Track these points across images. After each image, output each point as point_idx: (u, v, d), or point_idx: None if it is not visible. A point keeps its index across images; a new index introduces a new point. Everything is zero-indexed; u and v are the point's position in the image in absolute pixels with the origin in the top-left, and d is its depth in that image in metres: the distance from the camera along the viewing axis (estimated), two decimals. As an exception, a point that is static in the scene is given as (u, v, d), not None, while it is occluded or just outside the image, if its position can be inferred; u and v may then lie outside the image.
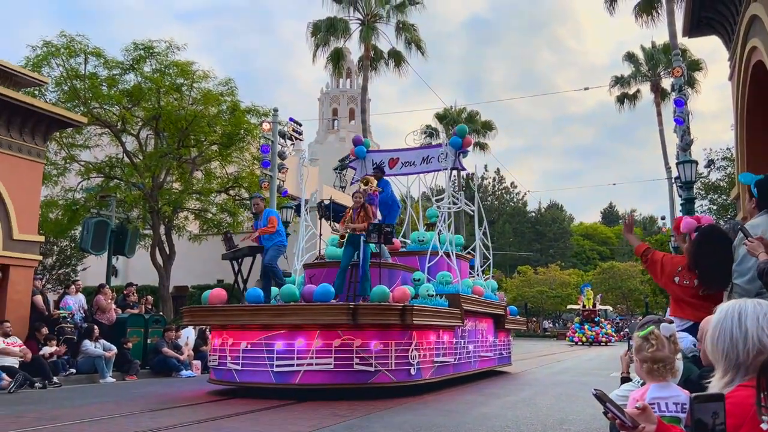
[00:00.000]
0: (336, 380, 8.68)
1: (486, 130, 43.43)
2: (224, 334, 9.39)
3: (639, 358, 2.14)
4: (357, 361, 8.65)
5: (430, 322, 9.53)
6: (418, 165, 13.24)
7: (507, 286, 52.70)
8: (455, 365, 10.78)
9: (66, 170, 20.67)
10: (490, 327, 13.07)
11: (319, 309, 8.82)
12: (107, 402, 8.55)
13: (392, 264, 11.08)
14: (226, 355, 9.18)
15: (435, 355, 9.87)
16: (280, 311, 8.94)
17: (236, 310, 9.36)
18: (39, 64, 19.01)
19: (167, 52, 20.50)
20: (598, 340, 34.02)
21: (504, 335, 14.17)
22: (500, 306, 13.53)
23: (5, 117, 11.54)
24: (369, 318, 8.67)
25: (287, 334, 8.79)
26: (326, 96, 68.07)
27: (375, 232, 9.65)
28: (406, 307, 8.82)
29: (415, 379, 9.19)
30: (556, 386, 10.77)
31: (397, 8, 31.29)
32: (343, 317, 8.58)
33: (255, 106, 21.92)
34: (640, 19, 31.89)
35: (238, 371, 9.01)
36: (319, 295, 9.20)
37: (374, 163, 13.46)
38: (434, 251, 11.39)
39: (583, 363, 18.20)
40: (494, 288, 13.88)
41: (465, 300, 10.90)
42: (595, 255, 72.20)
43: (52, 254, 23.21)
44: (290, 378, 8.65)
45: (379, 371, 8.74)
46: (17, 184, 11.73)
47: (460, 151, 12.61)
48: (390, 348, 8.86)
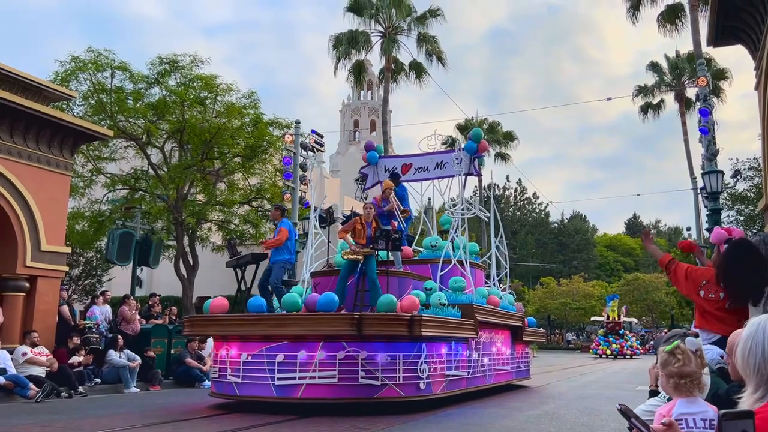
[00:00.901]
0: (340, 394, 8.22)
1: (507, 141, 43.30)
2: (225, 345, 9.01)
3: (665, 373, 2.10)
4: (362, 375, 8.19)
5: (442, 333, 9.03)
6: (431, 170, 12.81)
7: (530, 298, 52.24)
8: (469, 379, 10.25)
9: (92, 182, 21.05)
10: (507, 339, 12.56)
11: (322, 319, 8.40)
12: (131, 412, 8.63)
13: (402, 272, 10.62)
14: (227, 367, 8.79)
15: (447, 369, 9.35)
16: (281, 321, 8.56)
17: (236, 320, 9.00)
18: (67, 79, 19.44)
19: (191, 66, 20.83)
20: (623, 353, 33.50)
21: (522, 348, 13.62)
22: (518, 317, 13.00)
23: (34, 130, 11.79)
24: (375, 329, 8.21)
25: (289, 346, 8.36)
26: (347, 108, 68.45)
27: (382, 239, 9.16)
28: (415, 317, 8.35)
29: (425, 393, 8.70)
30: (581, 400, 10.62)
31: (417, 20, 31.43)
32: (347, 328, 8.13)
33: (277, 118, 22.15)
34: (663, 29, 31.64)
35: (239, 384, 8.61)
36: (322, 304, 8.74)
37: (387, 169, 13.16)
38: (447, 259, 10.97)
39: (608, 376, 17.93)
40: (511, 299, 13.33)
41: (479, 310, 10.38)
42: (619, 266, 71.26)
43: (79, 265, 23.56)
44: (292, 392, 8.24)
45: (386, 385, 8.26)
46: (45, 197, 11.96)
47: (475, 156, 12.19)
48: (398, 360, 8.38)
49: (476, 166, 12.21)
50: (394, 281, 9.89)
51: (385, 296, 8.82)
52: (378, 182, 13.08)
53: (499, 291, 12.84)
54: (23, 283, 11.63)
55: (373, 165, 13.47)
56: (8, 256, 11.47)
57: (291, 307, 8.91)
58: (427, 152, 12.95)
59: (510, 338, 12.69)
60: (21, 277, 11.59)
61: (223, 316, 9.17)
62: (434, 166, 12.73)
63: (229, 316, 9.19)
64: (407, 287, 10.07)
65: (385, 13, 31.03)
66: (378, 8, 30.95)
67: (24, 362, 10.44)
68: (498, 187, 73.10)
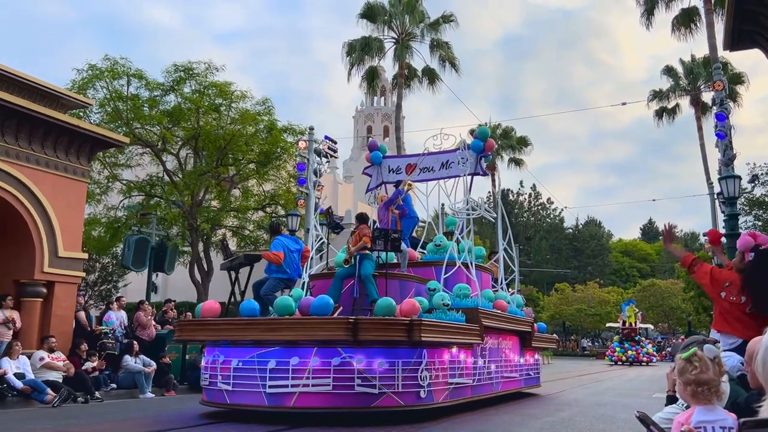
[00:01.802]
0: (335, 403, 7.77)
1: (521, 146, 43.18)
2: (215, 350, 8.59)
3: (682, 380, 2.08)
4: (359, 382, 7.73)
5: (444, 338, 8.57)
6: (437, 170, 12.37)
7: (544, 304, 51.90)
8: (474, 387, 9.77)
9: (108, 189, 21.29)
10: (515, 345, 12.12)
11: (315, 323, 7.94)
12: (146, 418, 8.67)
13: (404, 275, 10.15)
14: (217, 373, 8.35)
15: (450, 376, 8.87)
16: (272, 325, 8.09)
17: (225, 324, 8.56)
18: (84, 87, 19.69)
19: (206, 73, 21.04)
20: (639, 359, 33.16)
21: (531, 354, 13.16)
22: (526, 322, 12.53)
23: (52, 138, 11.93)
24: (372, 333, 7.75)
25: (281, 351, 7.91)
26: (361, 114, 68.66)
27: (381, 239, 8.70)
28: (414, 321, 7.92)
29: (426, 402, 8.23)
30: (597, 407, 10.52)
31: (431, 26, 31.48)
32: (342, 333, 7.67)
33: (291, 124, 22.31)
34: (677, 33, 31.44)
35: (229, 392, 8.16)
36: (316, 307, 8.24)
37: (390, 169, 12.76)
38: (451, 261, 10.55)
39: (624, 383, 17.75)
40: (520, 303, 12.88)
41: (485, 315, 9.93)
42: (634, 272, 70.64)
43: (95, 271, 23.80)
44: (284, 400, 7.78)
45: (383, 393, 7.80)
46: (63, 203, 12.09)
47: (481, 155, 11.76)
48: (396, 367, 7.94)
49: (483, 165, 11.85)
50: (394, 284, 9.47)
51: (383, 299, 8.41)
52: (382, 183, 12.81)
53: (507, 295, 12.47)
54: (41, 288, 11.76)
55: (376, 165, 13.08)
56: (26, 262, 11.61)
57: (284, 311, 8.46)
58: (433, 152, 12.56)
59: (518, 344, 12.30)
60: (39, 283, 11.72)
61: (213, 320, 8.75)
62: (440, 166, 12.34)
63: (219, 320, 8.76)
64: (409, 290, 9.66)
65: (399, 19, 31.12)
66: (391, 15, 31.05)
67: (41, 367, 10.54)
68: (512, 192, 72.98)
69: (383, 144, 13.82)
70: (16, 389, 9.76)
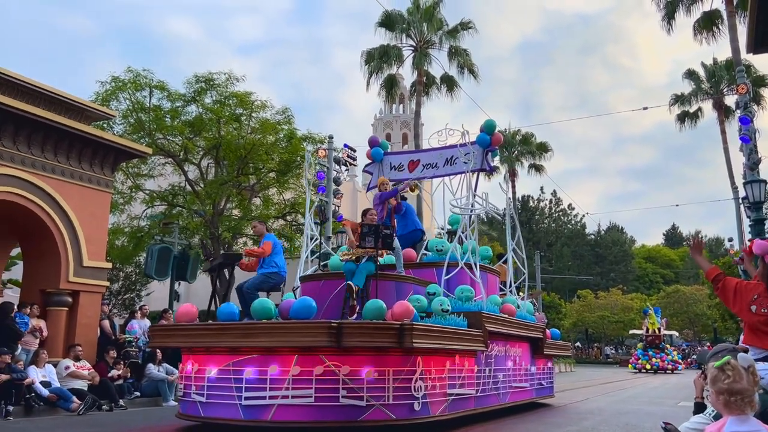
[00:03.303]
0: (317, 417, 7.03)
1: (541, 152, 42.88)
2: (190, 358, 7.93)
3: (714, 389, 2.05)
4: (344, 394, 7.02)
5: (441, 345, 7.81)
6: (441, 167, 11.69)
7: (566, 311, 51.39)
8: (478, 398, 8.97)
9: (132, 199, 21.57)
10: (526, 352, 11.33)
11: (293, 328, 7.21)
12: (170, 425, 8.73)
13: (401, 276, 9.36)
14: (191, 384, 7.70)
15: (449, 386, 8.12)
16: (248, 330, 7.36)
17: (198, 330, 7.82)
18: (108, 99, 20.02)
19: (227, 84, 21.27)
20: (663, 367, 32.62)
21: (543, 362, 12.34)
22: (537, 328, 11.70)
23: (77, 149, 12.13)
24: (357, 339, 7.03)
25: (258, 359, 7.21)
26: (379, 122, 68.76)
27: (371, 235, 8.01)
28: (405, 325, 7.15)
29: (421, 415, 7.49)
30: (621, 416, 10.37)
31: (449, 34, 31.49)
32: (323, 338, 6.93)
33: (311, 133, 22.43)
34: (699, 36, 31.05)
35: (203, 404, 7.48)
36: (297, 310, 7.47)
37: (392, 165, 12.10)
38: (453, 262, 9.89)
39: (649, 391, 17.49)
40: (530, 308, 12.15)
41: (489, 319, 9.16)
42: (658, 278, 69.71)
43: (118, 280, 24.08)
44: (261, 413, 7.08)
45: (372, 406, 7.08)
46: (87, 213, 12.27)
47: (488, 150, 11.06)
48: (387, 377, 7.20)
49: (489, 160, 11.17)
50: (390, 286, 8.73)
51: (372, 301, 7.66)
52: None
53: (516, 299, 11.71)
54: (66, 297, 11.93)
55: (377, 162, 12.42)
56: (52, 271, 11.79)
57: (262, 314, 7.67)
58: (436, 147, 11.95)
59: (529, 351, 11.55)
60: (64, 292, 11.89)
61: (185, 325, 8.02)
62: (444, 162, 11.64)
63: (191, 325, 8.00)
64: (406, 293, 8.85)
65: (417, 27, 31.17)
66: (409, 23, 31.11)
67: (67, 375, 10.68)
68: (532, 198, 72.53)
69: (384, 140, 13.08)
70: (43, 397, 9.90)
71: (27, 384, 9.80)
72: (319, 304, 8.41)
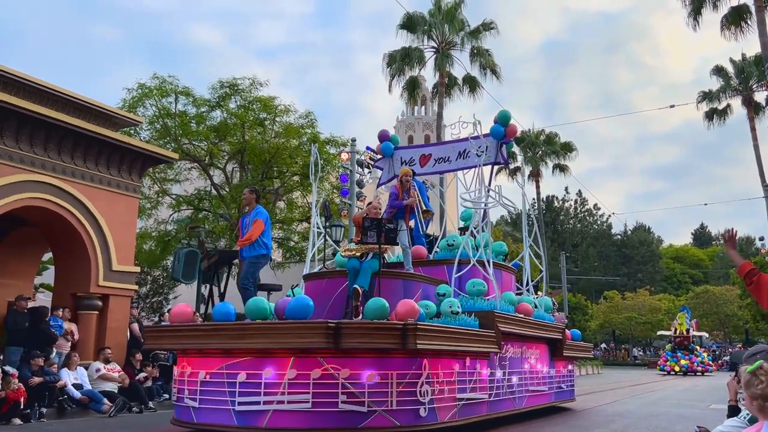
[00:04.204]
0: (315, 424, 6.60)
1: (566, 152, 42.47)
2: (184, 361, 7.60)
3: (748, 394, 2.02)
4: (343, 399, 6.60)
5: (449, 346, 7.34)
6: (453, 161, 11.27)
7: (593, 312, 50.81)
8: (491, 403, 8.50)
9: (158, 203, 21.88)
10: (544, 354, 10.82)
11: (289, 328, 6.73)
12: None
13: (409, 274, 8.91)
14: (184, 388, 7.34)
15: (458, 391, 7.66)
16: (241, 331, 6.91)
17: (189, 331, 7.37)
18: (134, 105, 20.33)
19: (251, 89, 21.47)
20: (693, 369, 32.05)
21: (563, 364, 11.82)
22: (556, 328, 11.15)
23: (105, 155, 12.35)
24: (357, 340, 6.59)
25: (252, 362, 6.82)
26: (402, 124, 68.79)
27: (372, 229, 7.60)
28: (408, 325, 6.68)
29: (428, 422, 7.05)
30: (650, 418, 10.23)
31: (471, 34, 31.39)
32: (320, 339, 6.48)
33: (334, 137, 22.53)
34: (727, 32, 30.50)
35: (196, 409, 7.10)
36: (292, 310, 7.02)
37: (403, 161, 11.73)
38: (465, 260, 9.40)
39: (678, 393, 17.21)
40: (548, 307, 11.65)
41: (502, 319, 8.66)
42: (687, 279, 68.59)
43: (146, 283, 24.40)
44: (256, 419, 6.68)
45: (374, 412, 6.66)
46: (116, 219, 12.48)
47: (502, 142, 10.60)
48: (390, 381, 6.79)
49: (504, 153, 10.73)
50: (397, 285, 8.28)
51: (374, 300, 7.21)
52: (395, 176, 11.65)
53: (532, 298, 11.09)
54: (96, 301, 12.14)
55: (387, 157, 12.02)
56: (83, 276, 12.01)
57: (256, 314, 7.24)
58: (448, 141, 11.53)
59: (547, 353, 11.06)
60: (94, 296, 12.11)
61: (176, 326, 7.58)
62: (456, 155, 11.24)
63: (182, 326, 7.52)
64: (415, 292, 8.43)
65: (438, 29, 31.13)
66: (431, 24, 31.08)
67: (98, 378, 10.87)
68: (557, 199, 71.91)
69: (395, 134, 12.66)
70: (75, 399, 10.10)
71: (60, 386, 10.02)
72: (323, 303, 8.19)
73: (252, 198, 8.69)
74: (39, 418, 9.32)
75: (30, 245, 13.00)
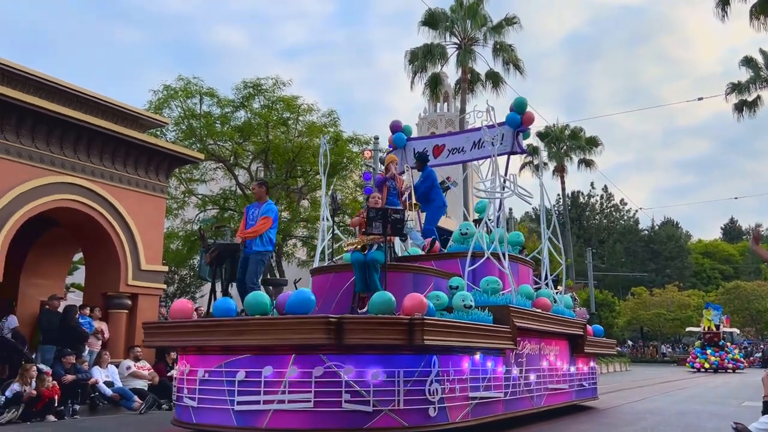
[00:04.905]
0: (318, 424, 6.28)
1: (591, 147, 42.00)
2: (184, 359, 7.32)
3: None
4: (347, 398, 6.26)
5: (460, 342, 6.95)
6: (468, 151, 10.86)
7: (620, 309, 50.21)
8: (507, 402, 8.09)
9: (185, 203, 22.16)
10: (564, 351, 10.37)
11: (288, 324, 6.38)
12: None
13: (419, 267, 8.51)
14: (184, 387, 7.05)
15: (471, 389, 7.27)
16: (239, 327, 6.56)
17: (186, 327, 7.08)
18: (160, 107, 20.61)
19: (274, 89, 21.62)
20: (724, 366, 31.46)
21: (585, 361, 11.35)
22: (576, 324, 10.65)
23: (133, 157, 12.54)
24: (360, 336, 6.24)
25: (252, 359, 6.49)
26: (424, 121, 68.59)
27: (378, 219, 7.22)
28: (415, 320, 6.32)
29: (438, 422, 6.68)
30: (681, 416, 10.08)
31: (493, 30, 31.20)
32: (321, 335, 6.15)
33: (356, 135, 22.58)
34: (756, 21, 29.90)
35: (195, 409, 6.79)
36: (292, 305, 6.67)
37: (416, 152, 11.17)
38: (479, 252, 8.91)
39: (709, 391, 16.93)
40: (569, 303, 11.18)
41: (518, 314, 8.23)
42: (716, 274, 67.32)
43: (174, 283, 24.75)
44: (256, 419, 6.35)
45: (380, 412, 6.31)
46: (144, 219, 12.67)
47: (519, 130, 10.15)
48: (397, 379, 6.42)
49: (520, 142, 10.29)
50: (407, 279, 7.91)
51: (379, 294, 6.85)
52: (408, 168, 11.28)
53: (551, 292, 10.63)
54: (126, 300, 12.35)
55: (400, 149, 11.56)
56: (113, 275, 12.22)
57: (256, 310, 6.86)
58: (462, 130, 11.16)
59: (568, 350, 10.59)
60: (124, 295, 12.31)
61: (173, 323, 7.33)
62: (471, 145, 10.81)
63: (180, 322, 7.25)
64: (426, 287, 8.01)
65: (460, 24, 30.99)
66: (453, 20, 30.96)
67: (128, 375, 11.06)
68: (582, 194, 71.15)
69: (408, 125, 12.16)
70: (107, 396, 10.29)
71: (92, 384, 10.22)
72: (331, 298, 7.97)
73: (262, 191, 8.34)
74: (72, 414, 9.52)
75: (61, 246, 13.27)
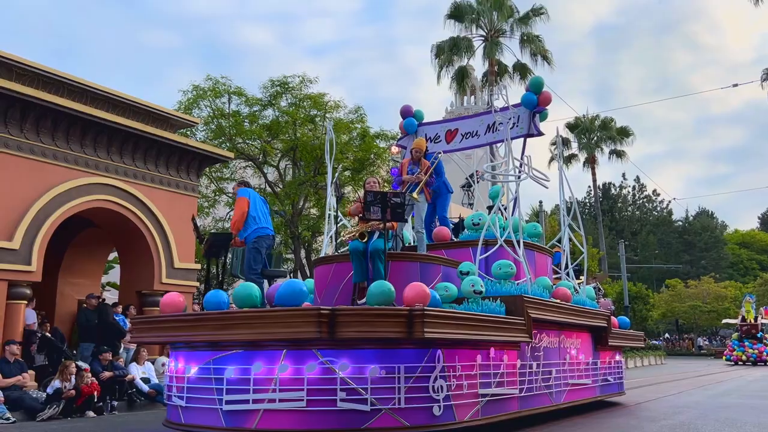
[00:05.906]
0: (311, 424, 5.82)
1: (622, 137, 41.31)
2: (174, 355, 6.94)
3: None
4: (343, 396, 5.78)
5: (467, 335, 6.37)
6: (482, 135, 10.28)
7: (654, 301, 49.42)
8: (523, 399, 7.53)
9: (216, 202, 22.42)
10: (587, 344, 9.76)
11: (277, 317, 5.83)
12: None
13: (426, 256, 7.97)
14: (173, 385, 6.63)
15: (481, 386, 6.73)
16: (225, 321, 6.05)
17: (172, 322, 6.61)
18: (190, 107, 20.89)
19: (301, 86, 21.74)
20: (762, 358, 30.69)
21: (609, 354, 10.73)
22: (599, 315, 9.98)
23: (164, 157, 12.74)
24: (355, 329, 5.71)
25: (241, 355, 6.04)
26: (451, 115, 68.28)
27: (376, 204, 6.78)
28: (415, 311, 5.76)
29: (443, 421, 6.17)
30: (720, 410, 9.88)
31: (520, 21, 30.88)
32: (311, 328, 5.60)
33: (383, 130, 22.61)
34: (793, 4, 29.06)
35: (183, 408, 6.39)
36: (282, 296, 6.17)
37: (428, 137, 10.62)
38: (492, 240, 8.40)
39: (748, 384, 16.56)
40: (590, 294, 10.58)
41: (533, 304, 7.64)
42: (754, 265, 65.79)
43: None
44: (245, 420, 5.90)
45: (379, 411, 5.84)
46: (176, 217, 12.86)
47: (535, 111, 9.58)
48: (397, 375, 5.93)
49: (537, 123, 9.71)
50: (413, 268, 7.41)
51: (377, 283, 6.27)
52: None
53: (572, 283, 10.03)
54: (160, 298, 12.53)
55: (411, 135, 10.97)
56: (147, 273, 12.45)
57: (245, 302, 6.32)
58: (476, 114, 10.61)
59: (590, 343, 10.00)
60: (158, 293, 12.50)
61: (163, 317, 6.84)
62: (485, 129, 10.27)
63: (169, 317, 6.76)
64: (433, 277, 7.48)
65: (486, 16, 30.75)
66: (479, 13, 30.73)
67: (164, 372, 11.24)
68: (614, 186, 70.12)
69: (419, 110, 11.46)
70: (144, 392, 10.49)
71: (129, 380, 10.42)
72: (333, 290, 7.63)
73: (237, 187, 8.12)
74: (111, 410, 9.75)
75: (96, 245, 13.56)
